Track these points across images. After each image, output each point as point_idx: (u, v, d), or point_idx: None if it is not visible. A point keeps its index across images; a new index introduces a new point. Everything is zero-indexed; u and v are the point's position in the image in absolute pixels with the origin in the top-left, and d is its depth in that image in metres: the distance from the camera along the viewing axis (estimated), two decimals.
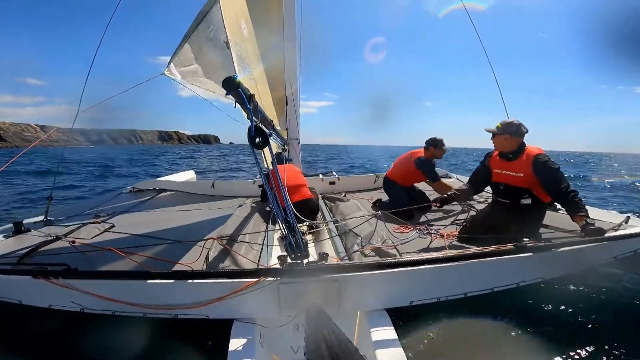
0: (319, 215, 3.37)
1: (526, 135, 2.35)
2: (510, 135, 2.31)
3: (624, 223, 2.28)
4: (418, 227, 2.66)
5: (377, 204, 3.59)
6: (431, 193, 3.67)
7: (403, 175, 3.54)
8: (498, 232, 2.16)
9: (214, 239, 2.23)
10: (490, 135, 2.43)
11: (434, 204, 2.71)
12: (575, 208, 2.08)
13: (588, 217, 2.04)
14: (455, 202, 2.79)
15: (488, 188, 2.69)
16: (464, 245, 2.26)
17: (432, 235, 2.47)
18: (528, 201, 2.28)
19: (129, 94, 3.08)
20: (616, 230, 2.17)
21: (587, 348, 1.91)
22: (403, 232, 2.60)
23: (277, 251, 2.36)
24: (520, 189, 2.30)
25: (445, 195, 2.69)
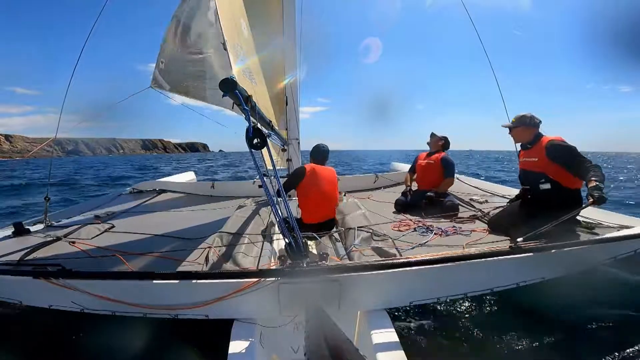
0: None
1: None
2: (524, 126, 2.44)
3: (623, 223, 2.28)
4: (421, 224, 2.67)
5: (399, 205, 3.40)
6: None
7: None
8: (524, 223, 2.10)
9: (215, 240, 2.24)
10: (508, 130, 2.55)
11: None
12: (591, 174, 2.00)
13: (601, 182, 1.94)
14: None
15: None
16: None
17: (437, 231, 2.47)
18: (547, 186, 2.30)
19: (113, 105, 3.08)
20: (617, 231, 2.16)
21: (587, 348, 1.91)
22: (403, 229, 2.59)
23: (277, 251, 2.36)
24: (534, 173, 2.35)
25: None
